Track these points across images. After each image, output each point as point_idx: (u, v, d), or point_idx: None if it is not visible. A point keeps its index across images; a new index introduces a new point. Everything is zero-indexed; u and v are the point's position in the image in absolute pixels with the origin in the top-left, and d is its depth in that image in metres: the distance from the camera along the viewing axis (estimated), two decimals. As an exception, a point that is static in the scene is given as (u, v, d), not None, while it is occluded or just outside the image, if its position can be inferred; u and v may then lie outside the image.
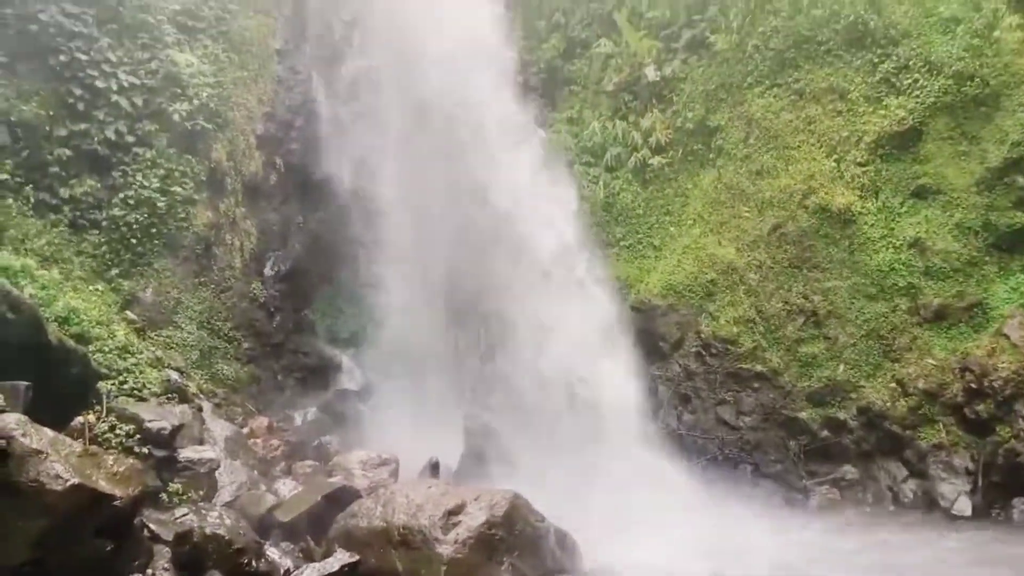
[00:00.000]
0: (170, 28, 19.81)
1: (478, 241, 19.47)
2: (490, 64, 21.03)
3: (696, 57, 22.35)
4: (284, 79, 22.25)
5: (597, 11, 24.58)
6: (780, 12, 20.46)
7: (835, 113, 19.52)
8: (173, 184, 18.66)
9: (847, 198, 18.83)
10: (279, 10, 22.49)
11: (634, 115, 23.16)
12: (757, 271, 19.69)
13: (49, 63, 17.92)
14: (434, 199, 20.10)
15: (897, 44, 18.80)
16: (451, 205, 19.87)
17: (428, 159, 20.33)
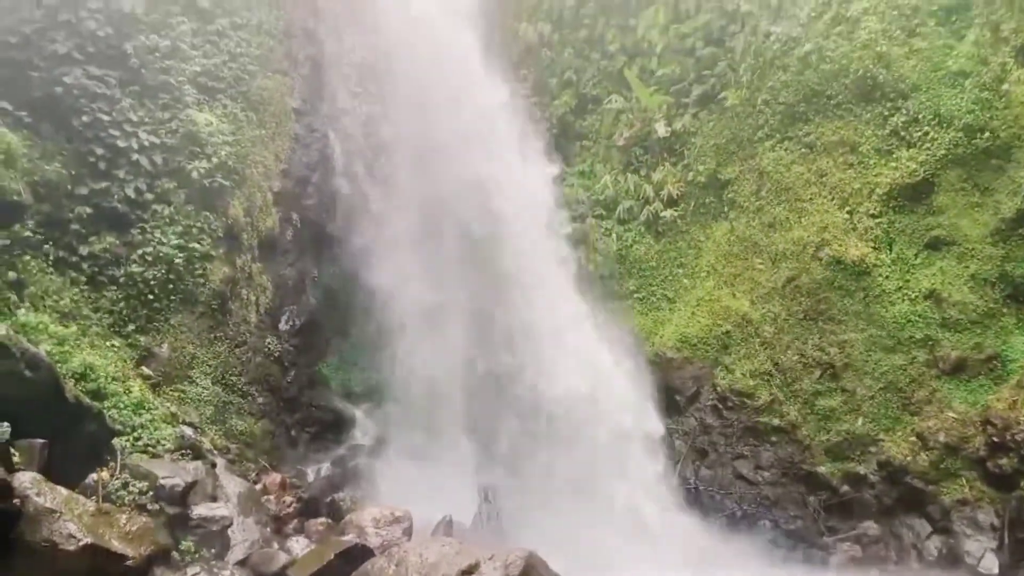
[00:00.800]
0: (190, 89, 20.23)
1: (492, 296, 19.63)
2: (503, 131, 21.42)
3: (707, 112, 22.64)
4: (301, 137, 22.62)
5: (608, 68, 25.02)
6: (789, 67, 20.74)
7: (846, 166, 19.65)
8: (191, 240, 18.87)
9: (861, 250, 18.83)
10: (297, 70, 22.97)
11: (646, 169, 23.42)
12: (772, 323, 19.63)
13: (72, 124, 18.29)
14: (448, 266, 20.33)
15: (906, 98, 18.98)
16: (463, 263, 20.07)
17: (442, 216, 20.60)
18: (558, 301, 20.18)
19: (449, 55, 21.69)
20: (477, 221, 20.26)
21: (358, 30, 23.48)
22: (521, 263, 19.99)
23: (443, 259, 20.43)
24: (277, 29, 22.91)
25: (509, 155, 21.22)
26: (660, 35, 24.03)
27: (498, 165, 20.74)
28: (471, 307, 20.26)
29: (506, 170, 20.81)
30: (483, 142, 21.14)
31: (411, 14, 22.21)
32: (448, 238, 20.67)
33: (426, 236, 20.84)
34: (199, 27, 21.19)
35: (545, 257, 20.77)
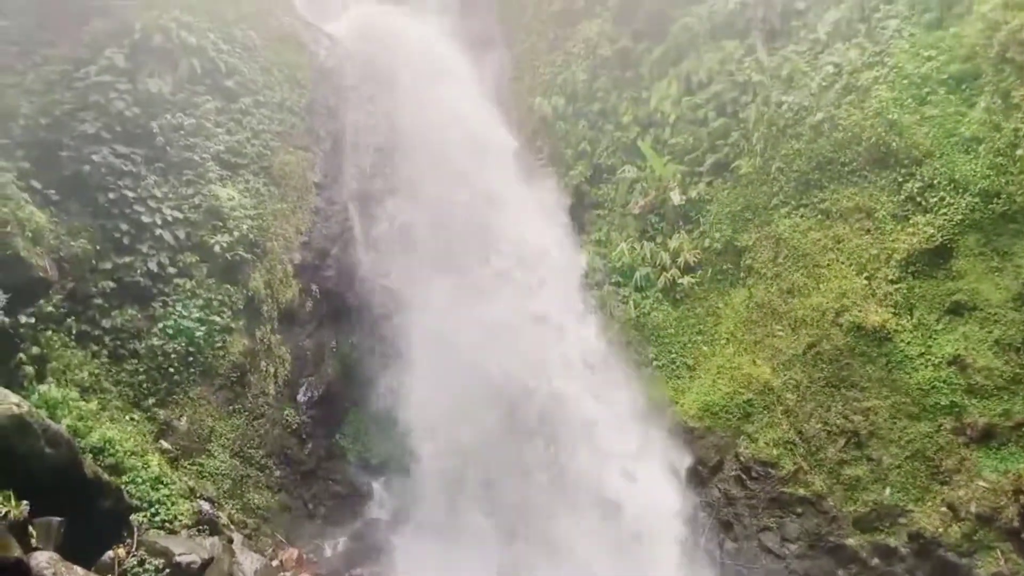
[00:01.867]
0: (214, 165, 20.74)
1: (510, 371, 19.67)
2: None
3: (721, 180, 22.83)
4: (322, 210, 23.01)
5: (621, 139, 25.37)
6: (802, 136, 20.95)
7: (863, 231, 19.63)
8: (212, 313, 19.08)
9: (881, 316, 18.67)
10: (319, 146, 23.51)
11: (661, 236, 23.52)
12: (794, 391, 19.40)
13: (98, 200, 18.74)
14: (465, 333, 20.41)
15: (920, 164, 19.04)
16: (481, 334, 20.15)
17: (458, 286, 20.78)
18: (579, 371, 20.18)
19: (467, 130, 22.12)
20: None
21: (380, 107, 24.11)
22: (540, 338, 20.08)
23: (463, 328, 20.44)
24: (300, 106, 23.56)
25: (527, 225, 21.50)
26: (673, 106, 24.41)
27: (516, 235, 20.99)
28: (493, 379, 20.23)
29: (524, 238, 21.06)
30: (499, 212, 21.47)
31: (431, 93, 22.81)
32: (465, 306, 20.76)
33: (445, 306, 20.91)
34: (224, 105, 21.83)
35: (564, 327, 20.86)
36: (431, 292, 21.10)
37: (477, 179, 21.96)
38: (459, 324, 20.18)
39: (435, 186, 22.13)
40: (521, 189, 22.55)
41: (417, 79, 24.45)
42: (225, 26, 23.05)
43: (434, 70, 25.21)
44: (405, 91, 24.08)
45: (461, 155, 21.91)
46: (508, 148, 23.80)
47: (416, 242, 22.27)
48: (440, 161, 22.27)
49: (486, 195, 21.79)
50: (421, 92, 23.96)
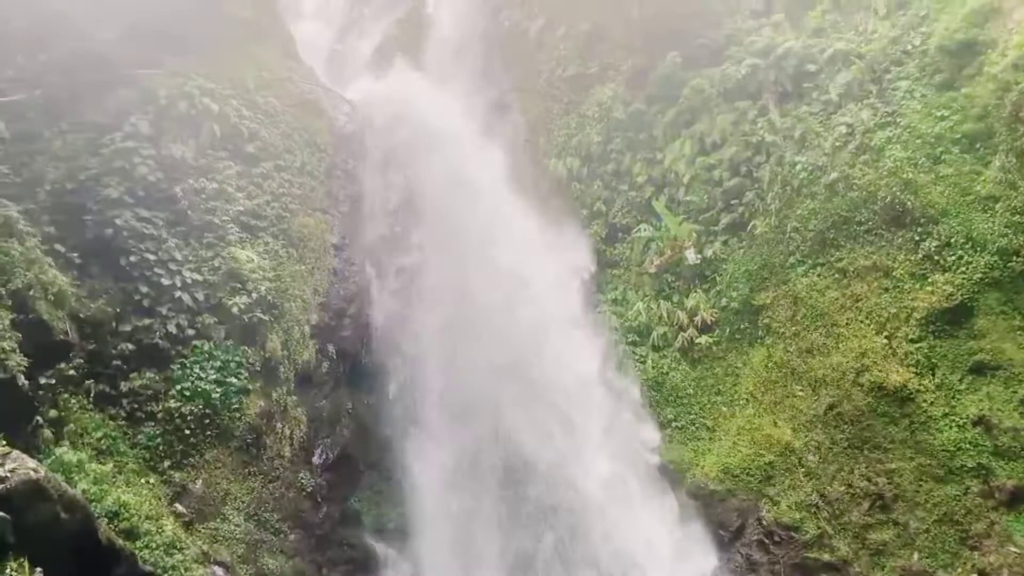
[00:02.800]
0: (234, 227, 21.01)
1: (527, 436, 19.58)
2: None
3: (736, 239, 22.88)
4: (339, 270, 23.16)
5: (636, 199, 25.57)
6: (817, 195, 21.03)
7: (881, 290, 19.53)
8: (229, 375, 19.09)
9: (902, 375, 18.45)
10: (337, 208, 23.81)
11: (678, 295, 23.50)
12: (816, 452, 19.09)
13: (120, 263, 18.98)
14: (482, 399, 20.40)
15: (937, 223, 19.03)
16: (497, 397, 20.12)
17: (474, 347, 20.81)
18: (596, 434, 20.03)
19: (482, 191, 22.40)
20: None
21: (397, 171, 24.50)
22: (557, 397, 20.00)
23: (477, 392, 20.44)
24: (319, 170, 23.96)
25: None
26: (687, 166, 24.63)
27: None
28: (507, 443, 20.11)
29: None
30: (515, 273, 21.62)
31: (447, 157, 23.17)
32: (480, 369, 20.78)
33: (460, 370, 20.93)
34: (244, 169, 22.22)
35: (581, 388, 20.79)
36: (446, 355, 21.11)
37: (493, 241, 22.09)
38: (474, 388, 20.14)
39: (451, 248, 22.28)
40: (538, 253, 22.65)
41: (434, 144, 24.86)
42: (247, 93, 23.62)
43: (450, 135, 25.64)
44: (422, 155, 24.46)
45: (477, 218, 22.12)
46: (525, 211, 23.97)
47: (433, 304, 22.33)
48: (456, 224, 22.47)
49: (502, 255, 21.87)
50: (438, 156, 24.32)
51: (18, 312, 15.50)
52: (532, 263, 22.88)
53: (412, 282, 23.10)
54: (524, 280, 21.93)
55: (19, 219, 16.86)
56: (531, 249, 22.99)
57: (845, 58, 22.27)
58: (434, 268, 22.77)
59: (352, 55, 34.40)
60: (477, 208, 22.49)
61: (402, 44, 33.30)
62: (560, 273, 23.68)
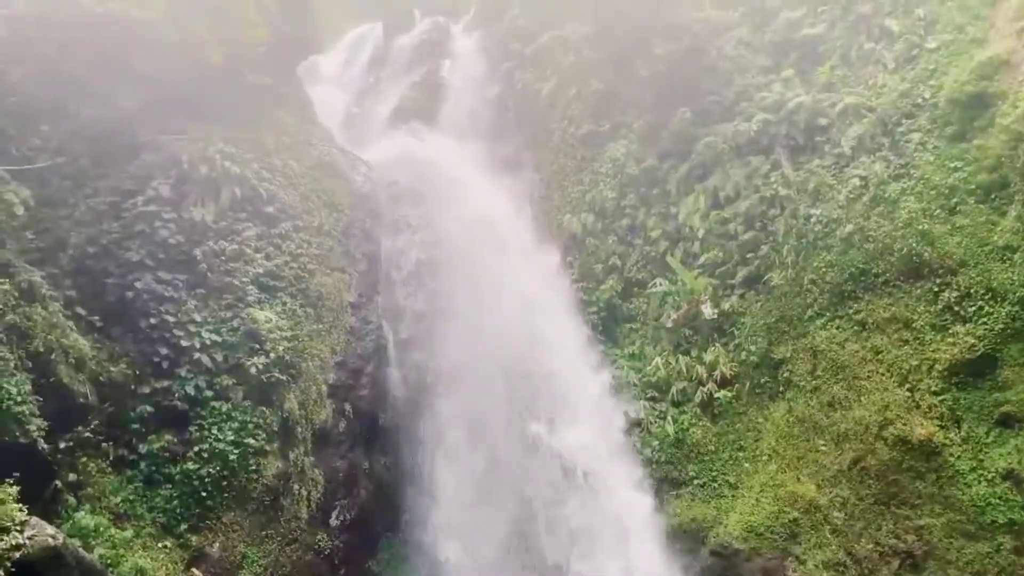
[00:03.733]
0: (253, 288, 21.19)
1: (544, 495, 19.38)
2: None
3: (753, 292, 22.82)
4: (356, 329, 23.23)
5: (651, 253, 25.64)
6: (833, 248, 21.03)
7: (901, 342, 19.34)
8: (246, 436, 19.06)
9: (927, 429, 18.14)
10: (354, 267, 24.01)
11: (696, 350, 23.35)
12: (842, 509, 18.69)
13: (140, 325, 19.17)
14: (502, 449, 20.26)
15: (955, 273, 18.92)
16: (516, 454, 19.96)
17: (491, 404, 20.76)
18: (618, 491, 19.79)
19: (496, 248, 22.59)
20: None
21: (414, 229, 24.78)
22: (576, 458, 19.85)
23: (495, 456, 20.35)
24: (337, 230, 24.23)
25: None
26: (701, 221, 24.73)
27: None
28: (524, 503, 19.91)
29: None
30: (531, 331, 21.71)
31: (463, 215, 23.44)
32: (500, 435, 20.73)
33: (479, 432, 20.87)
34: (264, 231, 22.50)
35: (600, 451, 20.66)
36: (462, 413, 21.07)
37: (508, 299, 22.20)
38: (488, 448, 20.06)
39: (467, 306, 22.38)
40: (553, 309, 22.73)
41: (450, 202, 25.20)
42: (267, 156, 24.07)
43: (466, 193, 26.00)
44: (438, 214, 24.76)
45: (492, 275, 22.25)
46: (540, 267, 24.14)
47: (448, 361, 22.36)
48: (472, 280, 22.60)
49: (517, 316, 21.97)
50: (453, 214, 24.61)
51: (40, 376, 15.66)
52: (547, 318, 22.92)
53: (429, 338, 23.13)
54: (541, 337, 21.90)
55: (42, 283, 17.12)
56: (546, 304, 23.01)
57: (856, 111, 22.47)
58: (450, 325, 22.83)
59: (369, 117, 35.19)
60: (492, 264, 22.62)
61: (418, 106, 34.09)
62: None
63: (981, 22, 21.21)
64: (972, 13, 21.47)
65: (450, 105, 33.82)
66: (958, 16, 21.75)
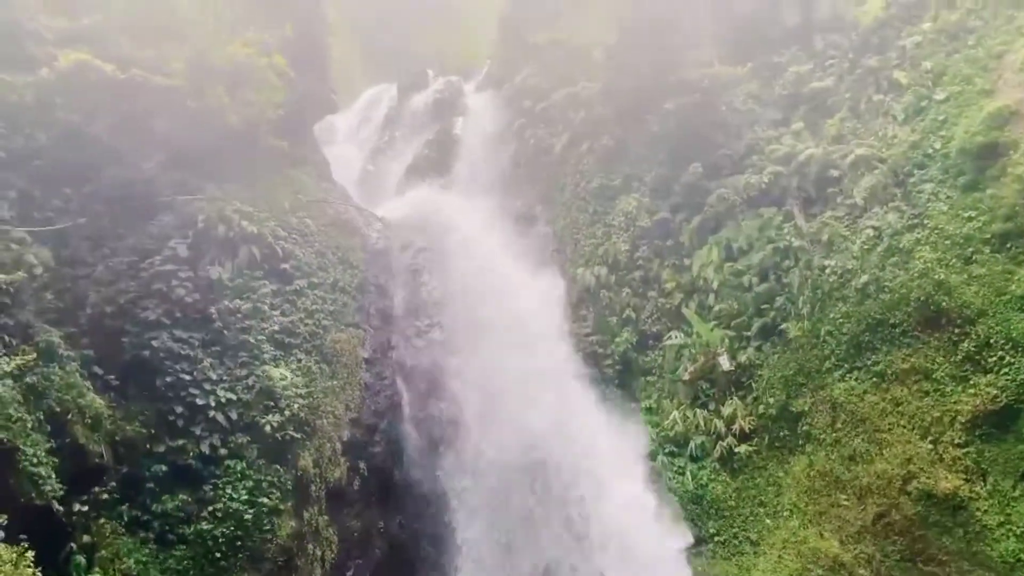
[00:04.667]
0: (268, 346, 21.29)
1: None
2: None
3: (770, 344, 22.62)
4: (371, 385, 23.24)
5: (665, 306, 25.53)
6: (848, 298, 20.90)
7: (922, 394, 19.06)
8: (260, 495, 18.94)
9: (952, 482, 17.76)
10: (368, 322, 24.14)
11: (714, 403, 23.09)
12: (867, 566, 18.24)
13: (156, 384, 19.26)
14: (522, 508, 20.05)
15: (973, 323, 18.71)
16: (536, 512, 19.73)
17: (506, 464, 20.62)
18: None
19: (509, 302, 22.64)
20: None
21: (428, 285, 24.92)
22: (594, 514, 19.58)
23: (512, 514, 20.12)
24: (351, 286, 24.41)
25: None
26: (715, 272, 24.67)
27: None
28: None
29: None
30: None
31: (476, 270, 23.55)
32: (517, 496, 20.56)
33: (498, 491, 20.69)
34: (279, 288, 22.69)
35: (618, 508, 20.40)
36: (476, 473, 20.94)
37: (520, 354, 22.19)
38: (508, 507, 19.85)
39: (481, 363, 22.38)
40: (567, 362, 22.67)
41: (464, 256, 25.36)
42: (283, 214, 24.40)
43: (479, 248, 26.16)
44: (452, 268, 24.91)
45: (507, 327, 22.27)
46: (553, 323, 24.17)
47: (462, 417, 22.27)
48: (487, 334, 22.61)
49: (532, 372, 21.94)
50: (468, 268, 24.75)
51: (56, 437, 15.73)
52: (560, 371, 22.87)
53: (444, 393, 23.07)
54: (553, 385, 21.82)
55: (60, 343, 17.29)
56: (560, 357, 22.96)
57: (867, 163, 22.53)
58: (466, 380, 22.81)
59: (384, 175, 35.69)
60: (506, 318, 22.63)
61: (432, 163, 34.57)
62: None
63: (988, 74, 21.35)
64: (979, 65, 21.65)
65: (463, 162, 34.26)
66: (965, 68, 21.93)
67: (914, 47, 23.49)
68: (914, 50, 23.46)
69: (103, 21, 21.52)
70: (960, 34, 22.61)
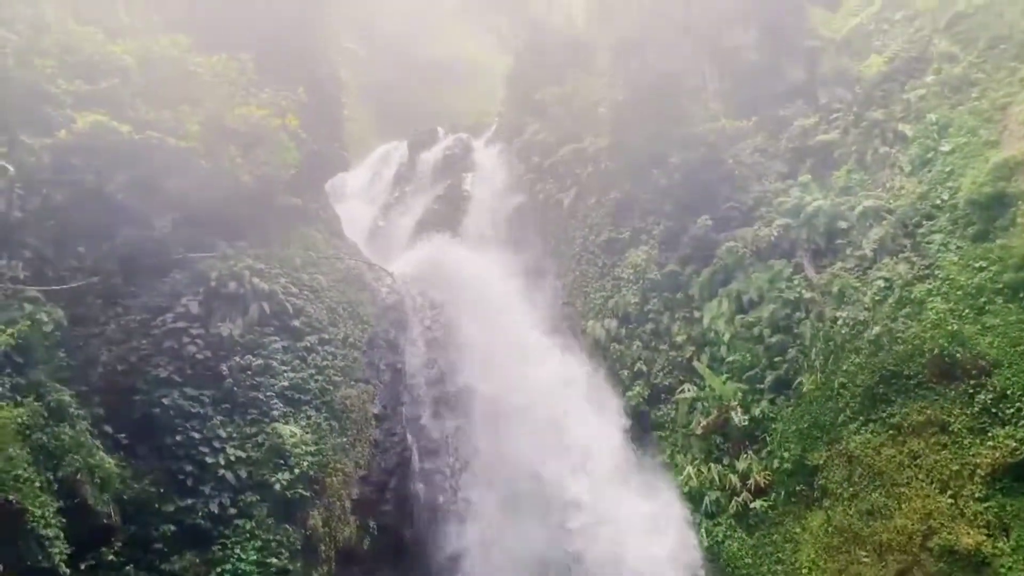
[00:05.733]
0: (278, 402, 21.23)
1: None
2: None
3: (783, 397, 22.41)
4: (380, 442, 23.06)
5: (677, 358, 25.40)
6: (861, 350, 20.75)
7: (940, 446, 18.77)
8: (269, 555, 18.70)
9: (974, 538, 17.37)
10: (379, 378, 24.06)
11: (728, 457, 22.81)
12: (890, 627, 17.72)
13: (166, 442, 19.21)
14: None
15: (989, 374, 18.51)
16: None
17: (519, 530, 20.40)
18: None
19: (522, 356, 22.59)
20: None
21: (438, 340, 24.94)
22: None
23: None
24: (362, 341, 24.42)
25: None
26: (726, 325, 24.56)
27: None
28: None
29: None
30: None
31: (487, 324, 23.58)
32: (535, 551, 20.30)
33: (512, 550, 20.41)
34: (290, 344, 22.70)
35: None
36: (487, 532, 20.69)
37: (534, 404, 22.04)
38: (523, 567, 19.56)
39: (492, 418, 22.25)
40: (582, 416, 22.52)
41: (474, 311, 25.40)
42: (294, 271, 24.53)
43: (489, 302, 26.21)
44: (462, 322, 24.93)
45: (519, 382, 22.17)
46: (565, 377, 24.08)
47: (475, 472, 22.06)
48: (498, 388, 22.51)
49: (544, 420, 21.78)
50: (478, 323, 24.76)
51: (65, 498, 15.61)
52: (574, 426, 22.69)
53: (455, 449, 22.88)
54: (571, 446, 21.63)
55: (71, 403, 17.32)
56: (575, 413, 22.82)
57: (876, 214, 22.61)
58: (476, 434, 22.64)
59: (395, 230, 35.99)
60: (518, 372, 22.56)
61: (442, 217, 34.87)
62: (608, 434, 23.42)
63: (993, 125, 21.54)
64: (983, 117, 21.85)
65: (473, 216, 34.57)
66: (970, 120, 22.13)
67: (918, 100, 23.76)
68: (918, 103, 23.72)
69: (120, 85, 21.95)
70: (963, 87, 22.87)
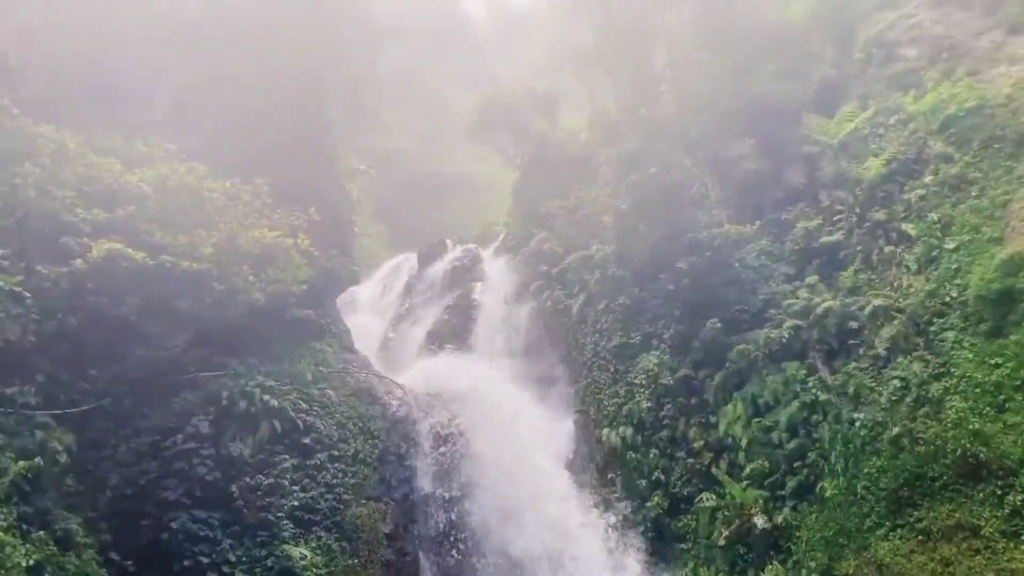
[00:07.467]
0: (288, 523, 20.83)
1: None
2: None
3: (806, 503, 21.76)
4: (392, 563, 22.43)
5: (695, 466, 24.87)
6: (882, 452, 20.30)
7: (972, 552, 18.05)
8: None
9: (1018, 652, 16.47)
10: (390, 495, 23.60)
11: (752, 569, 21.99)
12: None
13: (174, 568, 18.83)
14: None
15: (1017, 475, 18.00)
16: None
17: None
18: None
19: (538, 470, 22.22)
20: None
21: (448, 452, 24.62)
22: None
23: None
24: (372, 457, 24.12)
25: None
26: (743, 430, 24.13)
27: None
28: None
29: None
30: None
31: (499, 437, 23.33)
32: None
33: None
34: (300, 462, 22.45)
35: None
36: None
37: (550, 523, 21.57)
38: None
39: (508, 532, 21.71)
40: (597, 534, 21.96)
41: (486, 422, 25.16)
42: (305, 387, 24.50)
43: (501, 412, 26.00)
44: (474, 434, 24.65)
45: (532, 499, 21.73)
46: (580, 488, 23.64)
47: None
48: (512, 505, 22.03)
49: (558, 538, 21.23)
50: (490, 435, 24.48)
51: (68, 632, 15.13)
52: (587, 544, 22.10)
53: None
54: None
55: (78, 530, 17.03)
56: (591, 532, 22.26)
57: (886, 313, 22.54)
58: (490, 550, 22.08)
59: (405, 341, 36.07)
60: (532, 488, 22.14)
61: (452, 328, 35.02)
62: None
63: (996, 222, 21.70)
64: (985, 214, 22.03)
65: (482, 325, 34.70)
66: (972, 217, 22.32)
67: (918, 199, 24.05)
68: (919, 202, 24.00)
69: (137, 212, 22.55)
70: (962, 185, 23.17)
